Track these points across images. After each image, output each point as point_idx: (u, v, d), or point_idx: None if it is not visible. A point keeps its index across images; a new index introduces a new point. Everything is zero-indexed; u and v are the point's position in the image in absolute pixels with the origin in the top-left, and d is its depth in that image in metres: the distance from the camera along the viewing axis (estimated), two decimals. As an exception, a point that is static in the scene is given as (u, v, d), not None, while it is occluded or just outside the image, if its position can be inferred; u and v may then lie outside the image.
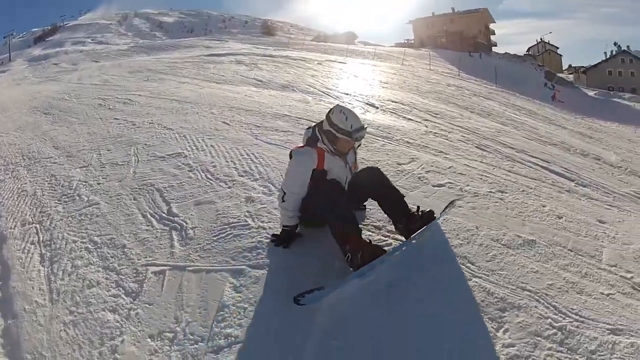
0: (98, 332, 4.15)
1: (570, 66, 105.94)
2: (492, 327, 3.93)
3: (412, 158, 8.17)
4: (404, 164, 7.82)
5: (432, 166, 7.78)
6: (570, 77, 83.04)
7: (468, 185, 7.13)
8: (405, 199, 5.15)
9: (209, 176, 7.12)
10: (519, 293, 4.42)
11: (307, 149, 4.85)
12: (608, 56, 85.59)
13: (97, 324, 4.25)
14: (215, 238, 5.26)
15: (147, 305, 4.36)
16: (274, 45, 52.29)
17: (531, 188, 7.71)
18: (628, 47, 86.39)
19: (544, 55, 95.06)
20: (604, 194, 8.59)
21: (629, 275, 5.18)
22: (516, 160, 9.76)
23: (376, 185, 5.13)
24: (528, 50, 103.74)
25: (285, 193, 4.76)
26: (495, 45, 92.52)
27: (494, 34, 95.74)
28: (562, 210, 6.88)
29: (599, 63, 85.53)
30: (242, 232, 5.30)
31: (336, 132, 4.72)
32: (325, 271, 4.55)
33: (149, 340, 3.97)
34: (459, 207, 6.07)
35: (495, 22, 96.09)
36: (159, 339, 3.98)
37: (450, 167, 8.01)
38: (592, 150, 13.99)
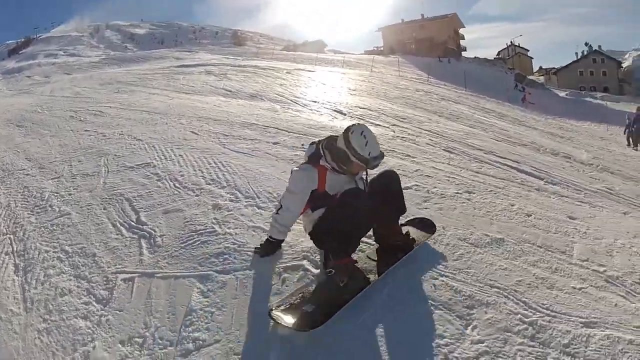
0: (71, 339, 4.25)
1: (541, 68, 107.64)
2: (460, 324, 3.99)
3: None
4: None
5: (398, 170, 7.55)
6: (541, 79, 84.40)
7: (435, 187, 7.28)
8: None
9: (177, 185, 7.24)
10: (487, 290, 4.48)
11: (307, 167, 4.65)
12: (579, 57, 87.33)
13: (69, 330, 4.35)
14: (183, 245, 5.36)
15: (118, 312, 4.47)
16: (244, 55, 52.50)
17: (499, 188, 7.88)
18: (600, 47, 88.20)
19: (514, 58, 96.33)
20: (575, 191, 8.80)
21: (601, 269, 5.27)
22: (484, 161, 9.95)
23: (386, 190, 4.95)
24: (498, 53, 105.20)
25: (281, 206, 4.66)
26: (465, 50, 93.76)
27: (464, 39, 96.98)
28: (532, 208, 7.02)
29: (570, 64, 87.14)
30: (209, 238, 5.41)
31: (352, 155, 4.41)
32: (292, 273, 4.70)
33: (119, 345, 4.07)
34: (425, 208, 6.26)
35: (464, 27, 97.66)
36: (129, 344, 4.07)
37: (417, 170, 8.19)
38: (563, 150, 14.32)
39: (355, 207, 4.34)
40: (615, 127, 26.69)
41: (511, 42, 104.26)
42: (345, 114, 15.03)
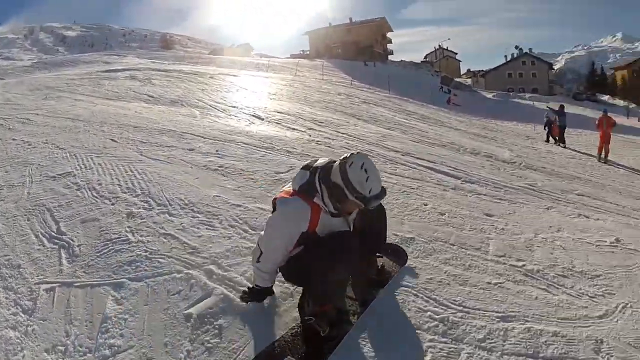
0: (3, 349, 4.27)
1: (469, 70, 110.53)
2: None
3: (291, 167, 8.35)
4: (282, 173, 8.05)
5: None
6: (469, 81, 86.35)
7: None
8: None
9: (95, 194, 7.18)
10: (396, 289, 4.50)
11: (299, 203, 3.84)
12: (509, 59, 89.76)
13: (2, 341, 4.36)
14: (98, 254, 5.40)
15: (42, 321, 4.50)
16: (171, 59, 51.70)
17: (413, 188, 7.97)
18: (530, 49, 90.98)
19: (441, 61, 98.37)
20: (494, 189, 8.96)
21: (520, 264, 5.36)
22: (400, 162, 10.05)
23: (371, 226, 4.49)
24: (426, 57, 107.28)
25: (262, 252, 3.95)
26: (392, 54, 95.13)
27: (391, 43, 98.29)
28: (446, 207, 7.11)
29: (499, 66, 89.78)
30: (122, 247, 5.46)
31: (350, 193, 3.68)
32: (207, 277, 4.75)
33: (45, 354, 4.12)
34: None
35: (392, 31, 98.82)
36: (53, 352, 4.12)
37: None
38: (484, 149, 14.65)
39: (344, 249, 3.80)
40: (542, 126, 27.41)
41: (439, 45, 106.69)
42: (263, 119, 14.94)
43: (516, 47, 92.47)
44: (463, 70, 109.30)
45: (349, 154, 3.84)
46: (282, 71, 48.15)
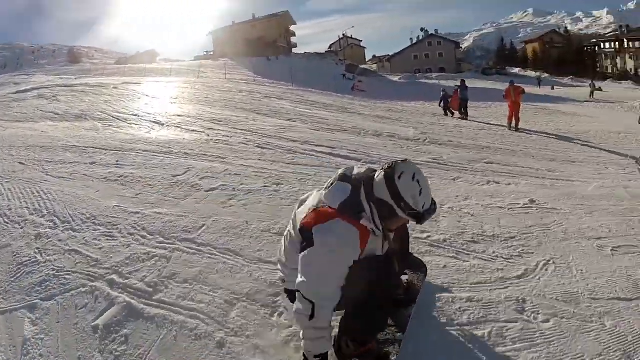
0: None
1: (374, 56, 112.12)
2: (265, 313, 4.09)
3: (188, 168, 8.38)
4: (179, 175, 8.07)
5: (207, 172, 8.02)
6: (374, 67, 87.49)
7: (242, 184, 7.43)
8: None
9: (6, 220, 7.02)
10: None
11: (345, 228, 3.12)
12: (414, 42, 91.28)
13: None
14: (13, 279, 5.34)
15: None
16: (78, 73, 51.38)
17: (310, 175, 8.04)
18: (436, 31, 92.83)
19: (346, 49, 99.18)
20: None
21: (424, 235, 5.42)
22: (298, 152, 10.09)
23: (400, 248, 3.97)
24: (330, 47, 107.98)
25: (314, 304, 3.09)
26: (296, 47, 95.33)
27: (295, 36, 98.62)
28: None
29: (404, 49, 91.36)
30: (33, 268, 5.42)
31: (402, 210, 3.10)
32: (110, 287, 4.73)
33: None
34: (230, 206, 6.44)
35: (296, 24, 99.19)
36: None
37: (225, 170, 8.27)
38: (387, 130, 14.85)
39: (384, 274, 3.30)
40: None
41: (344, 34, 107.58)
42: (163, 124, 14.85)
43: (422, 30, 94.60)
44: (369, 57, 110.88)
45: (393, 163, 3.19)
46: (186, 74, 48.39)
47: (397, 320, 3.82)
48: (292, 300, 3.33)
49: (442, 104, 24.18)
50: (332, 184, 3.28)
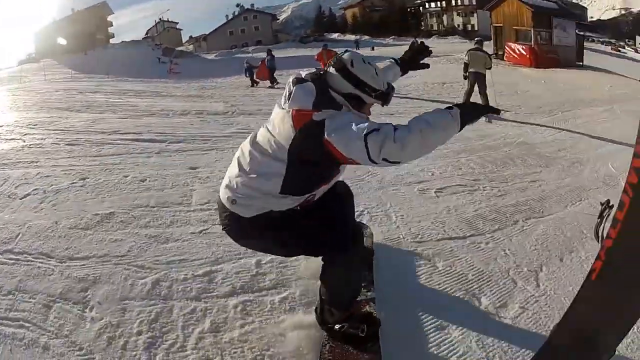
0: None
1: (191, 37, 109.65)
2: (78, 310, 3.99)
3: (5, 179, 7.89)
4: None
5: (22, 180, 7.67)
6: (190, 48, 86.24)
7: (52, 185, 7.20)
8: None
9: None
10: (99, 267, 4.49)
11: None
12: (230, 18, 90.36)
13: None
14: None
15: None
16: None
17: (116, 163, 8.00)
18: (252, 5, 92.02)
19: (162, 33, 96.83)
20: (202, 142, 9.31)
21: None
22: (106, 143, 9.95)
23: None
24: (147, 32, 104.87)
25: (378, 130, 2.75)
26: (113, 37, 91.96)
27: (112, 26, 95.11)
28: (148, 172, 7.25)
29: (219, 27, 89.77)
30: None
31: (367, 95, 3.08)
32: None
33: None
34: (41, 209, 6.20)
35: (114, 13, 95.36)
36: None
37: (38, 174, 7.97)
38: (196, 107, 14.99)
39: (360, 243, 3.65)
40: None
41: (160, 18, 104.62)
42: None
43: (237, 5, 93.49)
44: (186, 38, 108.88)
45: (337, 57, 3.20)
46: (8, 82, 45.37)
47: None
48: (233, 228, 3.27)
49: (247, 75, 24.56)
50: (291, 93, 3.04)
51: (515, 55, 37.38)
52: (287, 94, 3.05)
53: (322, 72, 3.16)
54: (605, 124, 13.55)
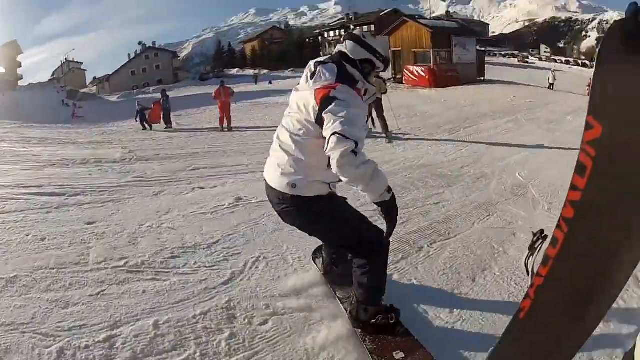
0: None
1: (95, 78, 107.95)
2: None
3: None
4: None
5: None
6: (94, 90, 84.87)
7: None
8: None
9: None
10: (9, 336, 4.16)
11: (353, 92, 3.53)
12: (132, 57, 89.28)
13: None
14: None
15: None
16: None
17: (17, 221, 7.48)
18: (154, 42, 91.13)
19: (68, 74, 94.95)
20: (99, 194, 8.92)
21: (122, 263, 5.39)
22: (9, 198, 9.14)
23: None
24: (53, 74, 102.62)
25: (357, 144, 3.13)
26: (22, 79, 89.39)
27: (21, 67, 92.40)
28: (48, 230, 6.83)
29: (122, 67, 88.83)
30: None
31: (377, 58, 3.75)
32: None
33: None
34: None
35: (23, 53, 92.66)
36: None
37: None
38: (95, 155, 14.42)
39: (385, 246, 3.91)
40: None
41: (65, 58, 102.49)
42: None
43: (139, 43, 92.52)
44: (89, 79, 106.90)
45: (347, 34, 3.90)
46: None
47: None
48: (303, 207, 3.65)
49: (138, 119, 23.69)
50: (314, 73, 3.60)
51: (415, 78, 38.56)
52: (310, 75, 3.61)
53: (336, 55, 3.78)
54: (510, 135, 14.05)
